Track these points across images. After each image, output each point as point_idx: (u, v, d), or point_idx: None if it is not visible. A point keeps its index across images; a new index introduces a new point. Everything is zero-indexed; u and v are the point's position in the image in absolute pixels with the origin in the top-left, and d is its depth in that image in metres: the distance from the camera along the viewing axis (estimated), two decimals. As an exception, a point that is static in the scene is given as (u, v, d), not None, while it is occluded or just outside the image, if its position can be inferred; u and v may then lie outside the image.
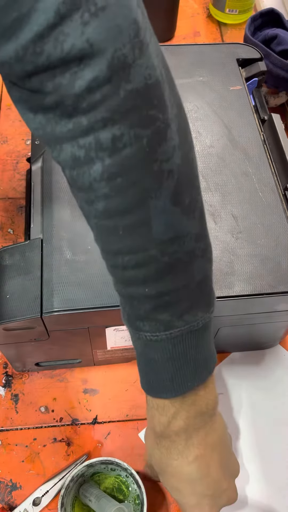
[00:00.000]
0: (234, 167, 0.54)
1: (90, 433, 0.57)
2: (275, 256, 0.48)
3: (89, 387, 0.60)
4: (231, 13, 0.93)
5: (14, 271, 0.47)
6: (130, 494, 0.53)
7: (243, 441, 0.57)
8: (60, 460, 0.56)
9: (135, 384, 0.60)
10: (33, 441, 0.57)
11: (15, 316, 0.45)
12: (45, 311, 0.45)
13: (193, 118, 0.57)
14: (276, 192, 0.52)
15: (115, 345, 0.55)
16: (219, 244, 0.49)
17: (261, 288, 0.47)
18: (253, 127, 0.57)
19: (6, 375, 0.60)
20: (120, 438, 0.57)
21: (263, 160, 0.55)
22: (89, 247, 0.48)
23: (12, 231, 0.71)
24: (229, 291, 0.46)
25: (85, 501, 0.52)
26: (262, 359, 0.63)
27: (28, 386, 0.60)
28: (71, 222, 0.49)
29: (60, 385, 0.60)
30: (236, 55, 0.64)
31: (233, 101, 0.59)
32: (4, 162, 0.77)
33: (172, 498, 0.54)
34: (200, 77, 0.61)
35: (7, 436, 0.57)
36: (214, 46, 0.65)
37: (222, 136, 0.56)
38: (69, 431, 0.58)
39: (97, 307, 0.45)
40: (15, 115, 0.82)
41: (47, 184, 0.52)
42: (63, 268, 0.46)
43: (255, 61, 0.64)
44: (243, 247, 0.49)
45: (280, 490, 0.55)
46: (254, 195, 0.52)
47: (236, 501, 0.45)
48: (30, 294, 0.46)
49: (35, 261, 0.47)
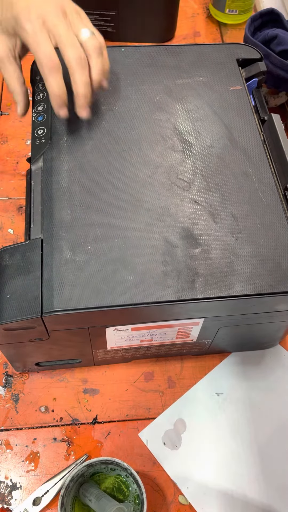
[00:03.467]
0: (234, 167, 0.54)
1: (90, 433, 0.58)
2: (275, 256, 0.48)
3: (89, 387, 0.60)
4: (231, 13, 0.93)
5: (14, 271, 0.47)
6: (130, 494, 0.53)
7: (243, 441, 0.57)
8: (60, 460, 0.56)
9: (135, 384, 0.60)
10: (33, 441, 0.57)
11: (15, 316, 0.45)
12: (45, 311, 0.45)
13: (193, 118, 0.58)
14: (276, 192, 0.52)
15: (115, 345, 0.55)
16: (219, 244, 0.49)
17: (261, 288, 0.47)
18: (253, 127, 0.57)
19: (6, 375, 0.60)
20: (120, 438, 0.57)
21: (263, 160, 0.55)
22: (89, 247, 0.48)
23: (12, 231, 0.71)
24: (229, 291, 0.46)
25: (85, 501, 0.52)
26: (262, 359, 0.63)
27: (28, 386, 0.60)
28: (71, 222, 0.49)
29: (60, 385, 0.60)
30: (236, 55, 0.64)
31: (233, 101, 0.59)
32: (4, 162, 0.77)
33: (172, 498, 0.54)
34: (200, 77, 0.61)
35: (7, 436, 0.57)
36: (214, 46, 0.65)
37: (222, 136, 0.56)
38: (69, 431, 0.58)
39: (97, 307, 0.45)
40: (15, 115, 0.82)
41: (47, 184, 0.52)
42: (63, 268, 0.46)
43: (255, 61, 0.64)
44: (243, 247, 0.49)
45: (280, 490, 0.55)
46: (254, 195, 0.52)
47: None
48: (30, 294, 0.46)
49: (35, 261, 0.47)
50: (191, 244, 0.48)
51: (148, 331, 0.52)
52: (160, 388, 0.60)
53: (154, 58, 0.63)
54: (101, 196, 0.51)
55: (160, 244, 0.48)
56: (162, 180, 0.52)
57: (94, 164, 0.53)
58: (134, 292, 0.45)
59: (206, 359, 0.62)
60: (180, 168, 0.53)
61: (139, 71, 0.61)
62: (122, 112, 0.58)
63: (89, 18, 0.54)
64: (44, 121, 0.57)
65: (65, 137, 0.55)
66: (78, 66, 0.50)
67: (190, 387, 0.60)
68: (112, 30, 0.89)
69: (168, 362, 0.62)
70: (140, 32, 0.90)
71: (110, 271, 0.46)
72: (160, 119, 0.57)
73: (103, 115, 0.57)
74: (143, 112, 0.58)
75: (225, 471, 0.56)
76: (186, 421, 0.58)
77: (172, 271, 0.47)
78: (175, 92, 0.60)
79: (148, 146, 0.55)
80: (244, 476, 0.55)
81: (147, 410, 0.59)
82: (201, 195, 0.52)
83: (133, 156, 0.54)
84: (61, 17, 0.50)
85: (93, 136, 0.55)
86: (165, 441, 0.57)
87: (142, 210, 0.50)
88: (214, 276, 0.47)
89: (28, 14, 0.49)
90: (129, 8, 0.85)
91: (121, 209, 0.50)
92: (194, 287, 0.46)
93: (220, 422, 0.58)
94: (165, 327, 0.52)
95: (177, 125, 0.57)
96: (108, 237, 0.48)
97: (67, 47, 0.50)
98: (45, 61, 0.49)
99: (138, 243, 0.48)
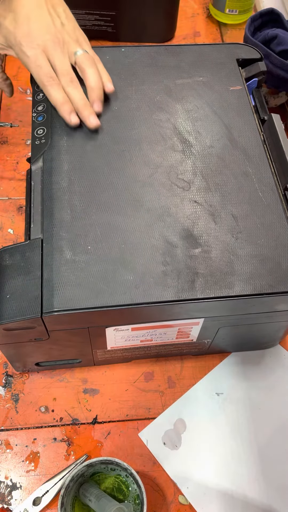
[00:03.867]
0: (234, 167, 0.54)
1: (90, 433, 0.58)
2: (275, 256, 0.48)
3: (89, 387, 0.60)
4: (231, 13, 0.93)
5: (14, 271, 0.47)
6: (130, 494, 0.53)
7: (243, 441, 0.57)
8: (60, 460, 0.56)
9: (135, 384, 0.60)
10: (33, 441, 0.57)
11: (15, 316, 0.45)
12: (45, 311, 0.45)
13: (193, 118, 0.58)
14: (276, 192, 0.52)
15: (115, 345, 0.55)
16: (219, 244, 0.49)
17: (261, 288, 0.47)
18: (253, 127, 0.57)
19: (6, 375, 0.60)
20: (120, 438, 0.57)
21: (263, 160, 0.55)
22: (89, 247, 0.48)
23: (12, 231, 0.71)
24: (229, 291, 0.46)
25: (85, 501, 0.52)
26: (262, 359, 0.63)
27: (28, 386, 0.60)
28: (71, 222, 0.49)
29: (60, 385, 0.60)
30: (236, 55, 0.64)
31: (233, 101, 0.59)
32: (4, 162, 0.77)
33: (172, 498, 0.54)
34: (200, 77, 0.61)
35: (7, 436, 0.57)
36: (214, 46, 0.65)
37: (222, 136, 0.56)
38: (69, 431, 0.58)
39: (97, 307, 0.45)
40: (15, 115, 0.82)
41: (47, 184, 0.52)
42: (63, 268, 0.46)
43: (255, 61, 0.64)
44: (243, 247, 0.49)
45: (280, 490, 0.55)
46: (254, 195, 0.52)
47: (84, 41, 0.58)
48: (30, 294, 0.46)
49: (35, 261, 0.47)
50: (191, 244, 0.48)
51: (148, 331, 0.52)
52: (160, 388, 0.60)
53: (154, 58, 0.63)
54: (101, 196, 0.51)
55: (160, 244, 0.48)
56: (162, 180, 0.52)
57: (94, 164, 0.53)
58: (134, 292, 0.45)
59: (206, 359, 0.62)
60: (180, 168, 0.53)
61: (139, 71, 0.61)
62: (122, 112, 0.58)
63: (89, 18, 0.57)
64: (44, 121, 0.57)
65: (65, 137, 0.55)
66: (71, 87, 0.56)
67: (190, 387, 0.60)
68: (112, 30, 0.89)
69: (168, 362, 0.62)
70: (140, 32, 0.90)
71: (110, 271, 0.46)
72: (160, 119, 0.57)
73: (103, 115, 0.57)
74: (143, 112, 0.58)
75: (225, 471, 0.56)
76: (186, 421, 0.58)
77: (172, 271, 0.47)
78: (175, 92, 0.60)
79: (148, 146, 0.55)
80: (244, 476, 0.55)
81: (147, 410, 0.59)
82: (201, 195, 0.52)
83: (133, 156, 0.54)
84: (57, 46, 0.56)
85: (93, 136, 0.55)
86: (165, 441, 0.57)
87: (142, 210, 0.50)
88: (214, 276, 0.47)
89: (31, 43, 0.55)
90: (129, 8, 0.85)
91: (121, 209, 0.50)
92: (194, 287, 0.46)
93: (220, 422, 0.58)
94: (165, 327, 0.52)
95: (177, 125, 0.57)
96: (108, 237, 0.48)
97: (60, 77, 0.56)
98: (45, 78, 0.55)
99: (138, 243, 0.48)
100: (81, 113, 0.55)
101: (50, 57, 0.56)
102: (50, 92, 0.55)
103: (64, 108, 0.55)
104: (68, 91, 0.56)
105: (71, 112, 0.55)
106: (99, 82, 0.56)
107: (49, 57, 0.56)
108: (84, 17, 0.86)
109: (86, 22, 0.87)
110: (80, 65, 0.56)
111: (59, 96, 0.55)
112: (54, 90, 0.55)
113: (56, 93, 0.55)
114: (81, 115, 0.55)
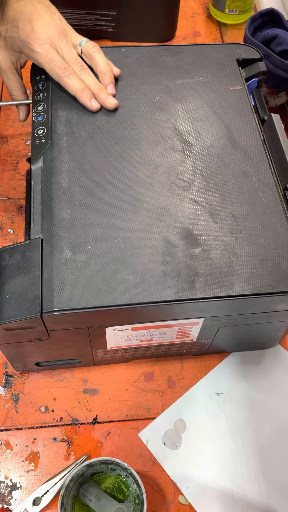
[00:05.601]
0: (234, 167, 0.54)
1: (90, 433, 0.58)
2: (275, 256, 0.48)
3: (89, 387, 0.60)
4: (231, 13, 0.93)
5: (14, 271, 0.47)
6: (130, 494, 0.53)
7: (243, 441, 0.57)
8: (60, 460, 0.56)
9: (135, 384, 0.60)
10: (33, 441, 0.57)
11: (15, 316, 0.45)
12: (45, 311, 0.45)
13: (193, 118, 0.58)
14: (276, 192, 0.52)
15: (115, 345, 0.55)
16: (219, 244, 0.49)
17: (261, 288, 0.47)
18: (253, 127, 0.57)
19: (6, 375, 0.60)
20: (120, 438, 0.57)
21: (263, 160, 0.55)
22: (89, 247, 0.48)
23: (12, 231, 0.71)
24: (229, 291, 0.46)
25: (85, 501, 0.52)
26: (262, 359, 0.63)
27: (28, 386, 0.60)
28: (71, 222, 0.49)
29: (60, 385, 0.60)
30: (236, 55, 0.64)
31: (233, 101, 0.59)
32: (4, 162, 0.77)
33: (172, 498, 0.54)
34: (200, 77, 0.61)
35: (7, 436, 0.57)
36: (214, 46, 0.65)
37: (222, 136, 0.56)
38: (69, 431, 0.58)
39: (97, 307, 0.45)
40: (15, 115, 0.82)
41: (47, 184, 0.52)
42: (63, 268, 0.46)
43: (255, 61, 0.64)
44: (243, 247, 0.49)
45: (280, 490, 0.55)
46: (254, 195, 0.52)
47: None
48: (30, 294, 0.46)
49: (35, 261, 0.47)
50: (191, 244, 0.48)
51: (148, 331, 0.52)
52: (160, 388, 0.60)
53: (154, 58, 0.63)
54: (101, 196, 0.51)
55: (160, 244, 0.48)
56: (162, 180, 0.52)
57: (94, 164, 0.53)
58: (134, 292, 0.45)
59: (206, 359, 0.62)
60: (180, 168, 0.53)
61: (139, 71, 0.61)
62: (122, 112, 0.58)
63: (89, 18, 0.59)
64: (44, 121, 0.57)
65: (65, 137, 0.55)
66: (84, 74, 0.59)
67: (190, 387, 0.60)
68: (113, 30, 0.89)
69: (168, 362, 0.62)
70: (140, 32, 0.90)
71: (110, 271, 0.46)
72: (160, 119, 0.57)
73: (103, 115, 0.57)
74: (143, 112, 0.58)
75: (225, 471, 0.56)
76: (186, 421, 0.58)
77: (172, 271, 0.47)
78: (175, 92, 0.60)
79: (148, 146, 0.55)
80: (244, 476, 0.55)
81: (147, 410, 0.59)
82: (201, 195, 0.52)
83: (133, 156, 0.54)
84: (62, 37, 0.58)
85: (93, 136, 0.55)
86: (165, 441, 0.57)
87: (142, 210, 0.50)
88: (214, 276, 0.47)
89: (38, 39, 0.57)
90: (129, 8, 0.85)
91: (121, 209, 0.50)
92: (194, 287, 0.46)
93: (220, 422, 0.58)
94: (165, 327, 0.52)
95: (177, 125, 0.57)
96: (108, 237, 0.48)
97: (71, 66, 0.58)
98: (60, 70, 0.57)
99: (138, 243, 0.48)
100: (98, 97, 0.57)
101: (58, 49, 0.58)
102: (67, 82, 0.57)
103: (84, 95, 0.57)
104: (82, 78, 0.58)
105: (91, 97, 0.57)
106: (108, 65, 0.59)
107: (57, 48, 0.58)
108: (85, 17, 0.86)
109: (87, 22, 0.87)
110: (87, 53, 0.59)
111: (77, 84, 0.57)
112: (71, 79, 0.57)
113: (73, 82, 0.57)
114: (99, 99, 0.57)
